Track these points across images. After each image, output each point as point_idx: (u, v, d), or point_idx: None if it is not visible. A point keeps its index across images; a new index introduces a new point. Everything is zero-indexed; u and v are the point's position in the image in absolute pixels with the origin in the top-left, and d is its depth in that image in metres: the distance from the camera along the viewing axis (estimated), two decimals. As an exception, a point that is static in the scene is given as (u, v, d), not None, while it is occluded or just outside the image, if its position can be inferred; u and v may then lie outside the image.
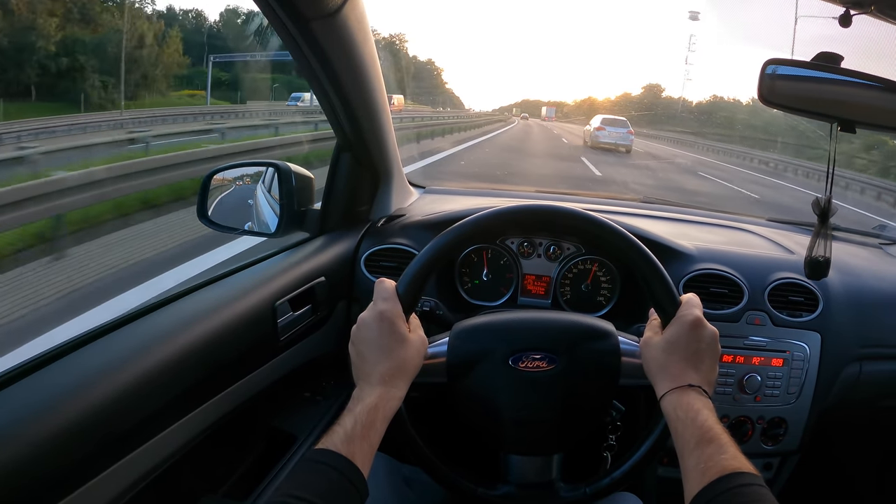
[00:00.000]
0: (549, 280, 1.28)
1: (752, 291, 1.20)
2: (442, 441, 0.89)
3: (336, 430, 0.65)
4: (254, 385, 0.96)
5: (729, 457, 0.61)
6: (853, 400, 1.26)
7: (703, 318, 0.76)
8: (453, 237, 0.80)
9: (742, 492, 0.57)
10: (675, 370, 0.73)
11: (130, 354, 0.73)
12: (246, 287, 0.98)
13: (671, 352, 0.74)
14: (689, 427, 0.66)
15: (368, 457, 0.65)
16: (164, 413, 0.76)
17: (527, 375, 0.80)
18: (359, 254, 1.24)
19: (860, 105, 0.89)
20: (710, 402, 0.70)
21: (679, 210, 1.76)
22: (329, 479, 0.60)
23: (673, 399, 0.71)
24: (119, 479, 0.69)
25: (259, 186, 1.34)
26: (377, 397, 0.69)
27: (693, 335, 0.74)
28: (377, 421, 0.68)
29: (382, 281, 0.78)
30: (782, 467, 1.28)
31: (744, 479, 0.58)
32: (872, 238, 1.66)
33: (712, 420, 0.66)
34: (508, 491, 0.86)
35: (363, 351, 0.74)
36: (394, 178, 1.39)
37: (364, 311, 0.76)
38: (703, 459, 0.62)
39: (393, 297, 0.76)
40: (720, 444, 0.63)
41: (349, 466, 0.62)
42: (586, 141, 19.07)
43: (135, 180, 5.01)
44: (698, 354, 0.73)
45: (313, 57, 0.94)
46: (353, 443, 0.64)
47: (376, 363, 0.72)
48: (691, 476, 0.62)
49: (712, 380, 0.74)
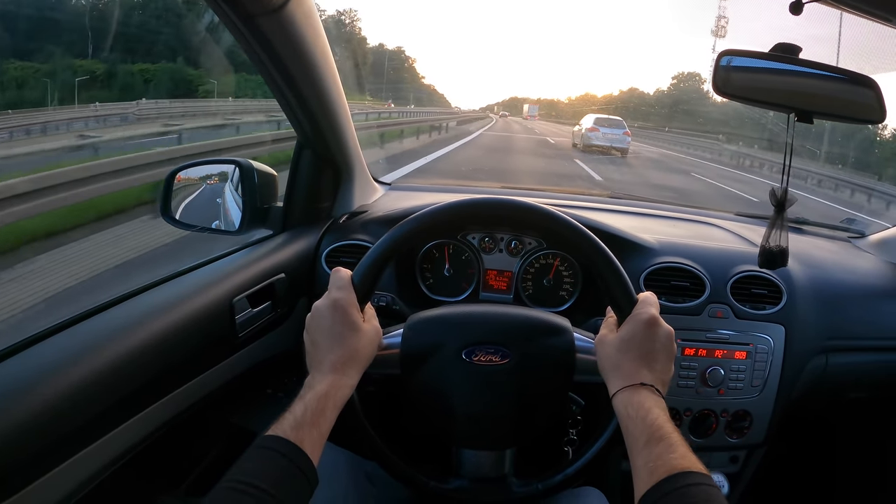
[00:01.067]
0: (510, 275, 1.28)
1: (715, 284, 1.20)
2: (397, 435, 0.89)
3: (286, 416, 0.65)
4: (212, 382, 0.96)
5: (678, 456, 0.60)
6: (820, 392, 1.27)
7: (659, 317, 0.75)
8: (409, 228, 0.80)
9: (689, 491, 0.56)
10: (628, 368, 0.72)
11: (83, 351, 0.73)
12: (203, 283, 0.97)
13: (625, 350, 0.74)
14: (639, 425, 0.66)
15: (318, 444, 0.65)
16: (118, 410, 0.76)
17: (480, 369, 0.80)
18: (320, 250, 1.23)
19: (817, 96, 0.90)
20: (662, 402, 0.70)
21: (645, 205, 1.77)
22: (277, 465, 0.59)
23: (624, 397, 0.70)
24: (71, 477, 0.69)
25: (227, 185, 1.34)
26: (328, 385, 0.69)
27: (648, 334, 0.73)
28: (327, 409, 0.67)
29: (338, 270, 0.78)
30: (749, 460, 1.28)
31: (692, 479, 0.57)
32: (841, 232, 1.67)
33: (663, 419, 0.66)
34: (461, 485, 0.86)
35: (316, 339, 0.74)
36: (356, 175, 1.39)
37: (319, 300, 0.76)
38: (652, 458, 0.61)
39: (348, 286, 0.76)
40: (669, 443, 0.62)
41: (297, 453, 0.61)
42: (576, 143, 17.94)
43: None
44: (652, 353, 0.73)
45: (263, 53, 0.94)
46: (301, 429, 0.63)
47: (328, 351, 0.72)
48: (640, 475, 0.61)
49: (666, 379, 0.74)
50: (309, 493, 0.62)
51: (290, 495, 0.58)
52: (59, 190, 3.90)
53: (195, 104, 16.55)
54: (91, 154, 6.58)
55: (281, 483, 0.58)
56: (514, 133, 26.38)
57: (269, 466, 0.59)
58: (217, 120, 12.55)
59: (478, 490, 0.86)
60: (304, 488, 0.61)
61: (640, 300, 0.77)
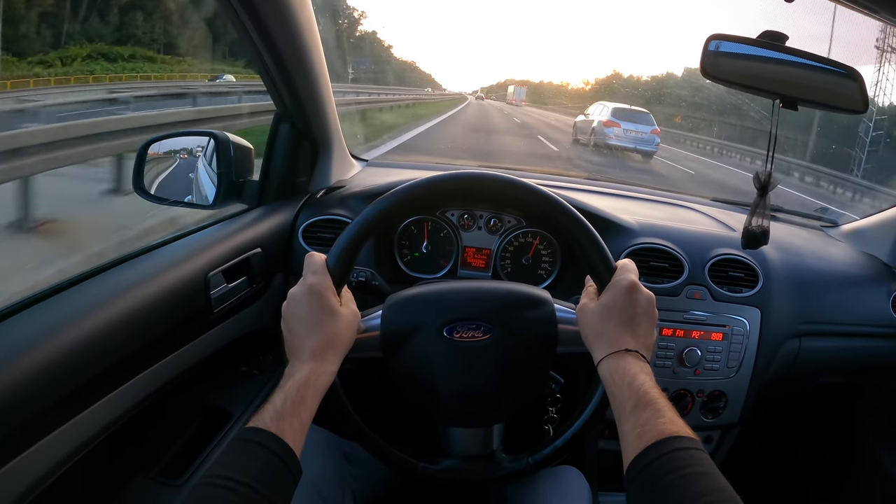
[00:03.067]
0: (489, 253, 1.28)
1: (693, 266, 1.21)
2: (382, 416, 0.88)
3: (266, 407, 0.63)
4: (187, 359, 0.94)
5: (666, 420, 0.60)
6: (793, 375, 1.30)
7: (639, 282, 0.75)
8: (385, 206, 0.78)
9: (678, 455, 0.56)
10: (612, 335, 0.72)
11: (51, 329, 0.70)
12: (177, 258, 0.94)
13: (607, 317, 0.73)
14: (625, 391, 0.66)
15: (300, 434, 0.63)
16: (90, 389, 0.73)
17: (462, 346, 0.79)
18: (296, 225, 1.21)
19: (802, 84, 0.91)
20: (647, 367, 0.69)
21: (623, 187, 1.78)
22: (259, 458, 0.58)
23: (609, 364, 0.70)
24: (41, 460, 0.67)
25: (201, 159, 1.30)
26: (308, 372, 0.67)
27: (629, 300, 0.73)
28: (308, 397, 0.65)
29: (312, 255, 0.76)
30: (723, 440, 1.31)
31: (681, 443, 0.57)
32: (814, 220, 1.71)
33: (649, 384, 0.66)
34: (450, 464, 0.85)
35: (294, 326, 0.72)
36: (334, 150, 1.37)
37: (294, 286, 0.74)
38: (640, 424, 0.61)
39: (322, 271, 0.74)
40: (657, 408, 0.62)
41: (279, 444, 0.59)
42: (579, 138, 13.35)
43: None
44: (634, 319, 0.73)
45: (248, 20, 0.91)
46: (282, 420, 0.61)
47: (306, 338, 0.70)
48: (628, 440, 0.61)
49: (650, 344, 0.74)
50: (292, 484, 0.60)
51: (272, 488, 0.56)
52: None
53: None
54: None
55: (263, 476, 0.56)
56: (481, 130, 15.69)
57: (251, 459, 0.57)
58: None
59: (468, 468, 0.86)
60: (287, 480, 0.59)
61: (619, 267, 0.77)
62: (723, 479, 0.54)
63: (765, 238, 0.97)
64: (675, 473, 0.55)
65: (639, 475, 0.57)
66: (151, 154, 1.18)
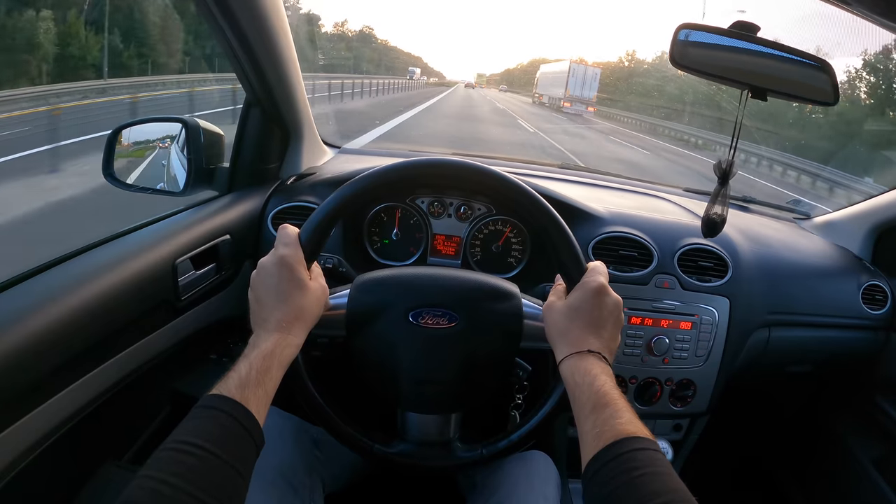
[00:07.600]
0: (459, 240, 1.28)
1: (662, 255, 1.22)
2: (343, 398, 0.88)
3: (230, 375, 0.62)
4: (155, 347, 0.93)
5: (624, 421, 0.61)
6: (762, 364, 1.32)
7: (608, 286, 0.76)
8: (359, 187, 0.78)
9: (635, 456, 0.57)
10: (576, 336, 0.72)
11: (17, 316, 0.69)
12: (145, 244, 0.93)
13: (573, 318, 0.74)
14: (585, 391, 0.66)
15: (264, 403, 0.63)
16: (57, 377, 0.73)
17: (427, 332, 0.79)
18: (266, 211, 1.20)
19: (772, 76, 0.91)
20: (608, 368, 0.70)
21: (595, 176, 1.79)
22: (221, 425, 0.57)
23: (571, 364, 0.70)
24: (8, 447, 0.66)
25: (174, 146, 1.29)
26: (273, 343, 0.67)
27: (596, 302, 0.74)
28: (273, 367, 0.65)
29: (285, 227, 0.75)
30: (691, 428, 1.33)
31: (638, 444, 0.58)
32: (787, 212, 1.73)
33: (609, 385, 0.66)
34: (405, 448, 0.86)
35: (261, 296, 0.72)
36: (305, 136, 1.35)
37: (265, 257, 0.74)
38: (599, 424, 0.62)
39: (295, 244, 0.74)
40: (616, 408, 0.63)
41: (242, 412, 0.59)
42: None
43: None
44: (600, 321, 0.73)
45: (215, 6, 0.90)
46: (247, 388, 0.61)
47: (273, 308, 0.70)
48: (587, 440, 0.62)
49: (613, 347, 0.74)
50: (255, 452, 0.60)
51: (235, 455, 0.56)
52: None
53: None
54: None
55: (226, 442, 0.56)
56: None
57: (213, 425, 0.57)
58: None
59: (422, 453, 0.86)
60: (249, 447, 0.59)
61: (590, 269, 0.77)
62: (678, 480, 0.55)
63: (722, 226, 0.98)
64: (632, 473, 0.55)
65: (596, 474, 0.58)
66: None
